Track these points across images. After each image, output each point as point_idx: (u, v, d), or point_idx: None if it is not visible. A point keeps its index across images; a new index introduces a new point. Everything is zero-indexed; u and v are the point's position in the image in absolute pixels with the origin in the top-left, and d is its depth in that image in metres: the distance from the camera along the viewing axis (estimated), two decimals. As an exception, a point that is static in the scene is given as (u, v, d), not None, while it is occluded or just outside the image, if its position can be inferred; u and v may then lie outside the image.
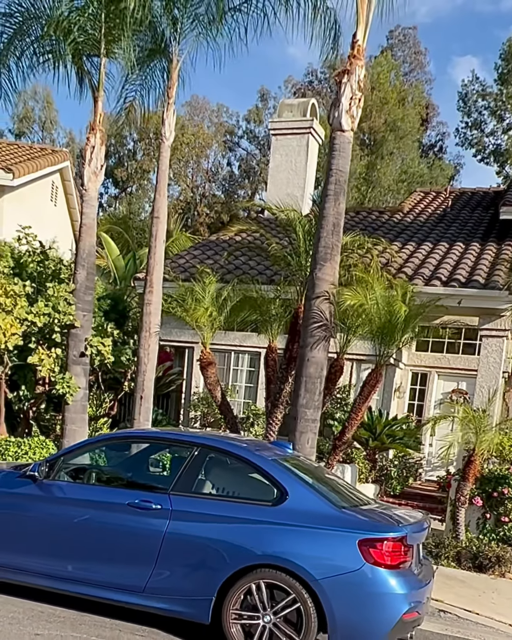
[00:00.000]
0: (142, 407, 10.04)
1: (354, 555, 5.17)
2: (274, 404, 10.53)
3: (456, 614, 7.21)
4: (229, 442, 6.11)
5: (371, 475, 12.46)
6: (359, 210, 19.38)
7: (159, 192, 10.58)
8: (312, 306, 9.28)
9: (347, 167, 9.54)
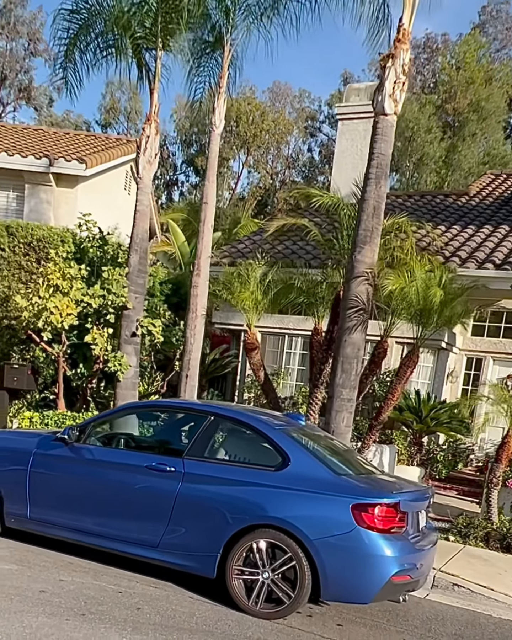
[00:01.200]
0: (187, 385, 10.59)
1: (347, 518, 5.52)
2: (315, 385, 10.87)
3: (470, 588, 7.40)
4: (240, 412, 6.57)
5: (415, 458, 12.61)
6: (424, 194, 19.32)
7: (208, 179, 11.06)
8: (351, 288, 9.57)
9: (390, 150, 9.70)
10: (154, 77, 11.11)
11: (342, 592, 5.63)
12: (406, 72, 9.65)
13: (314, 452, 6.14)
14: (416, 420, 12.46)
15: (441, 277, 9.75)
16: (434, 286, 9.74)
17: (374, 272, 9.52)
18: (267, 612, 5.67)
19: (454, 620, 6.48)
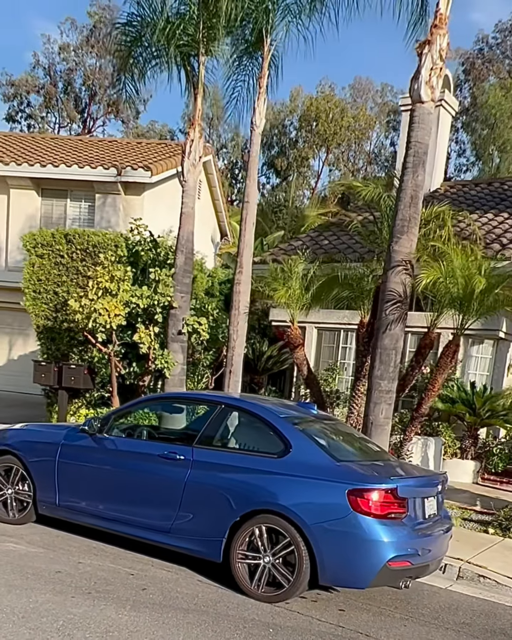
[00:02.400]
0: (231, 381, 10.86)
1: (343, 503, 5.63)
2: (357, 377, 10.91)
3: (496, 580, 7.27)
4: (247, 401, 6.80)
5: (469, 451, 12.37)
6: (491, 181, 18.83)
7: (250, 177, 11.28)
8: (388, 279, 9.56)
9: (428, 138, 9.62)
10: (198, 81, 11.45)
11: (339, 577, 5.74)
12: (443, 57, 9.56)
13: (317, 439, 6.25)
14: (469, 413, 12.24)
15: (480, 265, 9.54)
16: (475, 275, 9.60)
17: (413, 262, 9.47)
18: (268, 596, 5.85)
19: (469, 610, 6.42)
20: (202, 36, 11.16)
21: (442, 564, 7.45)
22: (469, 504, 10.53)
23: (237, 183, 52.58)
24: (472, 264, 9.55)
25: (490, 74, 43.35)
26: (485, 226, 14.65)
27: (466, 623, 6.03)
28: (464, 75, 44.90)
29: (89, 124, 50.52)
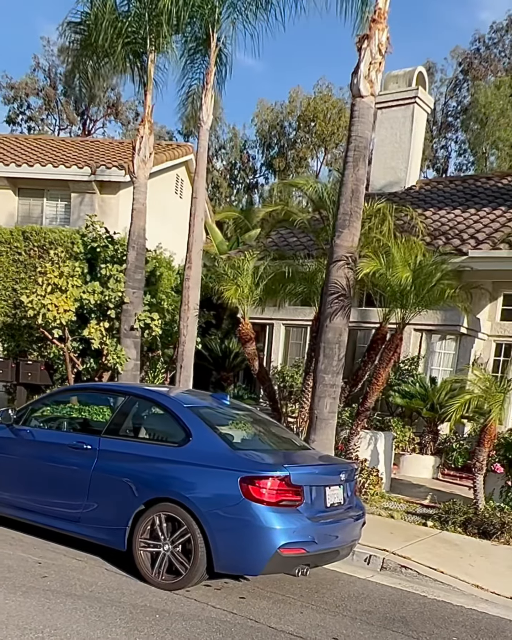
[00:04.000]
0: (181, 376, 10.90)
1: (235, 491, 5.66)
2: (306, 372, 10.93)
3: (417, 570, 7.26)
4: (153, 391, 6.87)
5: (428, 446, 12.36)
6: (465, 179, 18.81)
7: (198, 173, 11.33)
8: (331, 273, 9.59)
9: (368, 132, 9.65)
10: (147, 78, 11.52)
11: (233, 564, 5.77)
12: (383, 52, 9.57)
13: (218, 428, 6.28)
14: (426, 408, 12.23)
15: (415, 258, 9.54)
16: (416, 268, 9.59)
17: (355, 256, 9.48)
18: (168, 583, 5.88)
19: (377, 599, 6.42)
20: (148, 34, 11.22)
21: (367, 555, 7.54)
22: (419, 498, 10.53)
23: (236, 184, 52.70)
24: (411, 257, 9.53)
25: (488, 73, 43.27)
26: (450, 222, 14.66)
27: (368, 611, 6.03)
28: (463, 74, 44.80)
29: (89, 125, 50.79)
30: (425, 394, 12.27)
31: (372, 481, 10.12)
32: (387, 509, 9.69)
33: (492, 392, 8.96)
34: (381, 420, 11.92)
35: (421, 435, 12.60)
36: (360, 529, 6.67)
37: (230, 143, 52.90)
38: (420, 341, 13.55)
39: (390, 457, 10.93)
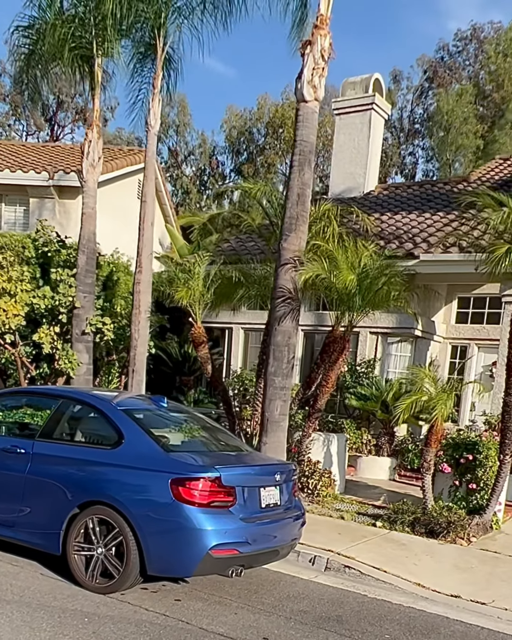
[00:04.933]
0: (134, 380, 10.83)
1: (166, 493, 5.62)
2: (258, 375, 10.92)
3: (361, 570, 7.27)
4: (86, 394, 6.82)
5: (384, 448, 12.42)
6: (423, 183, 19.04)
7: (147, 177, 11.30)
8: (279, 276, 9.61)
9: (313, 137, 9.70)
10: (94, 82, 11.49)
11: (165, 566, 5.73)
12: (326, 58, 9.64)
13: (152, 430, 6.24)
14: (381, 410, 12.29)
15: (360, 262, 9.58)
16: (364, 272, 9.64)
17: (302, 259, 9.51)
18: (101, 587, 5.82)
19: (316, 599, 6.41)
20: (94, 38, 11.19)
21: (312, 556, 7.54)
22: (373, 499, 10.56)
23: (205, 190, 52.67)
24: (356, 261, 9.58)
25: (452, 81, 43.85)
26: (405, 226, 14.79)
27: (304, 611, 6.02)
28: (428, 82, 45.32)
29: (57, 131, 50.49)
30: (380, 396, 12.34)
31: (325, 483, 10.13)
32: (339, 510, 9.70)
33: (438, 392, 9.02)
34: (334, 423, 11.95)
35: (377, 437, 12.66)
36: (300, 529, 6.66)
37: (200, 149, 52.92)
38: (376, 344, 13.64)
39: (343, 459, 10.95)
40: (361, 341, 13.68)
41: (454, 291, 14.43)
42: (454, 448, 9.51)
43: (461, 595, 6.79)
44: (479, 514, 8.99)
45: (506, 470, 8.91)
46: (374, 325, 13.38)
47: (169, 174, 50.43)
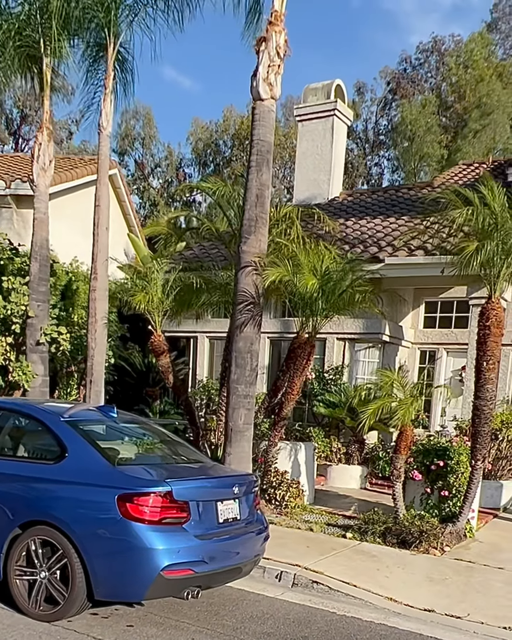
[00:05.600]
0: (92, 391, 10.35)
1: (113, 510, 5.17)
2: (222, 383, 10.52)
3: (330, 585, 6.87)
4: (27, 405, 6.34)
5: (354, 456, 12.06)
6: (387, 189, 18.86)
7: (100, 181, 10.90)
8: (239, 281, 9.24)
9: (270, 136, 9.37)
10: (43, 83, 11.07)
11: (113, 590, 5.26)
12: (281, 55, 9.34)
13: (98, 443, 5.78)
14: (350, 417, 11.94)
15: (322, 264, 9.24)
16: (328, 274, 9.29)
17: (263, 262, 9.14)
18: (46, 614, 5.35)
19: (282, 618, 5.99)
20: (42, 36, 10.77)
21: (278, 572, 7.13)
22: (343, 509, 10.17)
23: (173, 202, 52.28)
24: (319, 264, 9.25)
25: (415, 92, 44.15)
26: (370, 230, 14.53)
27: (268, 633, 5.59)
28: (392, 94, 45.58)
29: (22, 144, 49.82)
30: (348, 402, 11.99)
31: (293, 493, 9.73)
32: (308, 521, 9.31)
33: (406, 396, 8.70)
34: (301, 431, 11.56)
35: (347, 445, 12.30)
36: (263, 544, 6.25)
37: (166, 161, 52.65)
38: (343, 350, 13.30)
39: (312, 468, 10.57)
40: (328, 347, 13.34)
41: (421, 296, 14.18)
42: (425, 454, 9.18)
43: (435, 609, 6.43)
44: (452, 522, 8.66)
45: (478, 476, 8.59)
46: (341, 331, 13.08)
47: (136, 187, 50.01)
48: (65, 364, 12.33)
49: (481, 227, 8.14)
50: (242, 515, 5.97)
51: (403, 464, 8.85)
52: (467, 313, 13.70)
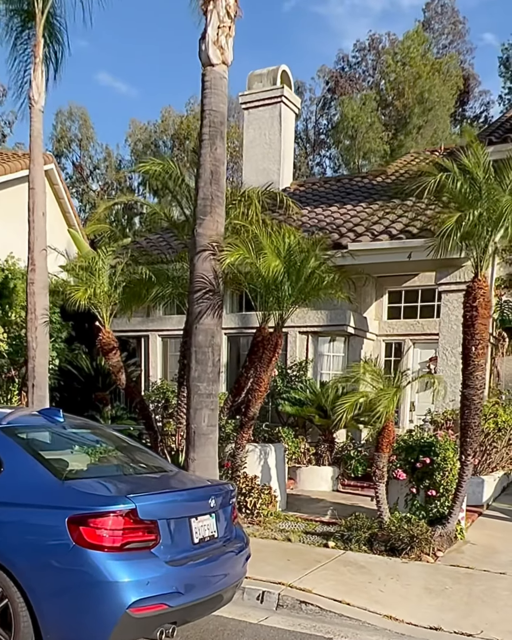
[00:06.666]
0: (35, 396, 9.25)
1: (63, 536, 4.15)
2: (180, 383, 9.56)
3: (320, 605, 5.97)
4: None
5: (324, 456, 11.22)
6: (340, 178, 18.18)
7: (34, 161, 9.85)
8: (196, 267, 8.25)
9: (223, 105, 8.39)
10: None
11: (68, 636, 4.22)
12: (232, 15, 8.41)
13: (41, 453, 4.74)
14: (319, 415, 11.09)
15: (285, 247, 8.34)
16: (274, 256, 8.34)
17: (221, 246, 8.16)
18: (-17, 670, 4.28)
19: (270, 651, 5.07)
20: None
21: (260, 592, 6.21)
22: (319, 515, 9.30)
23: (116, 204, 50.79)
24: (281, 245, 8.35)
25: (353, 91, 43.86)
26: (328, 218, 13.81)
27: (258, 672, 4.66)
28: (330, 93, 45.17)
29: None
30: (316, 399, 11.14)
31: (265, 500, 8.83)
32: (284, 530, 8.41)
33: (384, 387, 7.89)
34: (269, 432, 10.64)
35: (316, 445, 11.45)
36: (244, 565, 5.30)
37: (105, 163, 51.21)
38: (306, 344, 12.46)
39: (283, 471, 9.68)
40: (291, 342, 12.47)
41: (384, 285, 13.46)
42: (408, 451, 8.37)
43: (442, 626, 5.61)
44: (442, 523, 7.87)
45: (468, 472, 7.82)
46: (303, 324, 12.24)
47: (75, 189, 48.42)
48: (4, 368, 11.14)
49: (461, 195, 7.37)
50: (219, 532, 5.01)
51: (386, 462, 8.02)
52: (434, 302, 13.11)
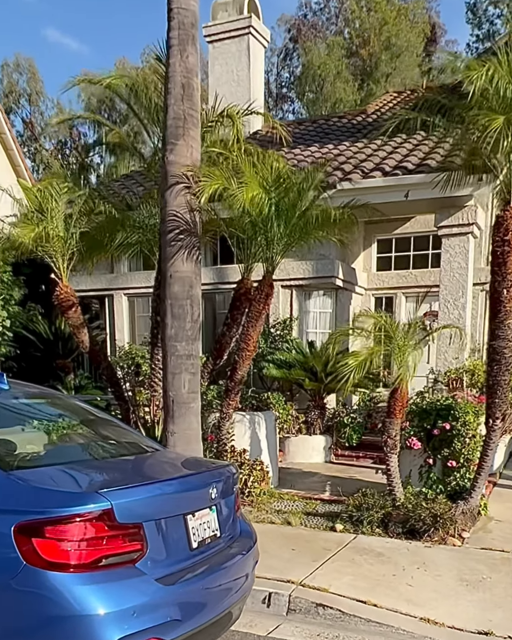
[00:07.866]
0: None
1: (10, 551, 2.88)
2: (154, 344, 8.25)
3: (341, 608, 4.85)
4: None
5: (315, 424, 10.08)
6: (315, 119, 16.78)
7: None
8: (168, 202, 6.83)
9: (194, 3, 6.91)
10: None
11: None
12: None
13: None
14: (309, 378, 9.91)
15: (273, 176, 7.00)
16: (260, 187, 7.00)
17: (197, 175, 6.76)
18: None
19: (291, 679, 3.92)
20: None
21: (266, 593, 5.08)
22: (317, 491, 8.18)
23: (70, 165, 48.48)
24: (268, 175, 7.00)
25: (317, 40, 41.98)
26: (308, 157, 12.47)
27: None
28: (293, 43, 43.11)
29: None
30: (305, 361, 9.95)
31: (257, 477, 7.69)
32: (280, 511, 7.30)
33: (402, 338, 6.72)
34: (257, 398, 9.42)
35: (305, 411, 10.29)
36: (253, 568, 4.09)
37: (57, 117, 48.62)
38: (290, 300, 11.21)
39: (275, 443, 8.53)
40: (273, 298, 11.17)
41: (373, 233, 12.21)
42: (421, 416, 7.25)
43: (492, 630, 4.56)
44: (464, 498, 6.81)
45: (495, 438, 6.72)
46: (286, 277, 10.96)
47: (27, 149, 45.95)
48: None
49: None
50: (222, 530, 3.80)
51: (399, 430, 6.88)
52: (428, 250, 11.94)
